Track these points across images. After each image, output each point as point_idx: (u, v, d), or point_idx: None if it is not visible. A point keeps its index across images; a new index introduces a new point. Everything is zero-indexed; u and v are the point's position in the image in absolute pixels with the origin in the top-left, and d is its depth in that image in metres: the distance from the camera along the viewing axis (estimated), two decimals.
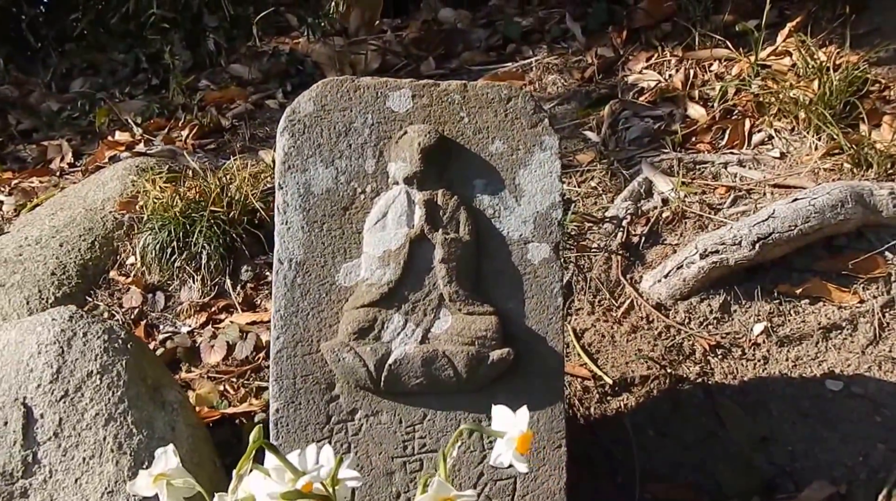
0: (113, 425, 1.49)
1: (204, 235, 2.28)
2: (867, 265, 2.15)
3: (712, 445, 1.84)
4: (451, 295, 1.42)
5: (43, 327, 1.52)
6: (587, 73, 3.05)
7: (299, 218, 1.43)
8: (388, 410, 1.44)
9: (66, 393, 1.49)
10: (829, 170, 2.34)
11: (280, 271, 1.43)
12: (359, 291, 1.43)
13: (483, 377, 1.41)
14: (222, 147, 3.00)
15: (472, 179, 1.46)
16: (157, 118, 3.19)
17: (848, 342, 2.06)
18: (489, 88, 1.49)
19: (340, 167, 1.44)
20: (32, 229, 2.45)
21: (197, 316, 2.24)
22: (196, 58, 3.61)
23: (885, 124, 2.39)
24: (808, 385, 1.97)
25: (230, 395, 1.97)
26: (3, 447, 1.46)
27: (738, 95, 2.66)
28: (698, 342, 2.08)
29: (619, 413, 1.94)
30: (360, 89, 1.46)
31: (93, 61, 3.83)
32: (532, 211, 1.46)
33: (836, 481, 1.73)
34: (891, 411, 1.87)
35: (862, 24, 2.78)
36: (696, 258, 2.15)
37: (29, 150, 3.24)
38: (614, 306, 2.21)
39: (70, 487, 1.46)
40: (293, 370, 1.43)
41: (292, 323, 1.43)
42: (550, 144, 1.48)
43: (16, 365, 1.50)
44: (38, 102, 3.57)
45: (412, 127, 1.44)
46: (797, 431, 1.85)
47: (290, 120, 1.45)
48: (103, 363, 1.51)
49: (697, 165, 2.52)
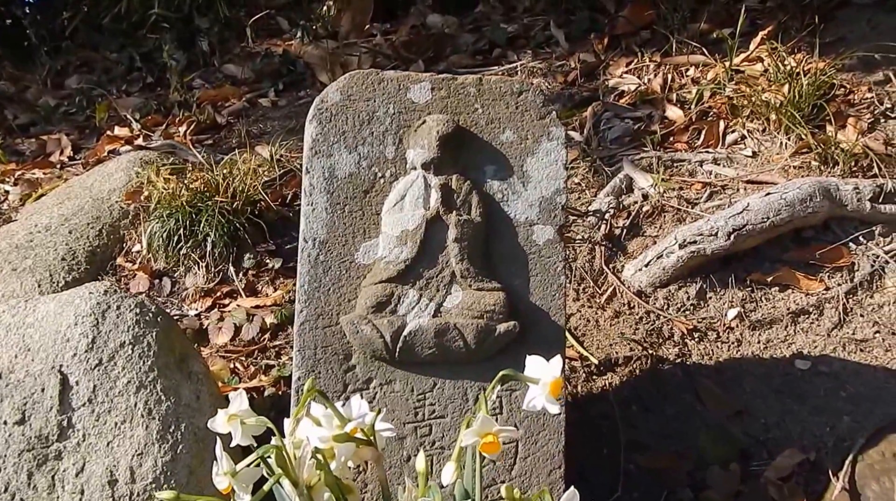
0: (143, 392, 1.59)
1: (209, 224, 2.38)
2: (833, 255, 2.31)
3: (692, 418, 1.98)
4: (462, 272, 1.54)
5: (80, 299, 1.62)
6: (570, 76, 3.19)
7: (323, 200, 1.55)
8: (400, 379, 1.56)
9: (100, 362, 1.59)
10: (798, 167, 2.50)
11: (304, 249, 1.55)
12: (377, 268, 1.55)
13: (490, 348, 1.53)
14: (219, 143, 3.10)
15: (484, 165, 1.59)
16: (154, 115, 3.29)
17: (815, 326, 2.22)
18: (502, 82, 1.62)
19: (363, 153, 1.57)
20: (41, 217, 2.54)
21: (202, 301, 2.34)
22: (190, 57, 3.71)
23: (850, 125, 2.55)
24: (778, 365, 2.12)
25: (240, 372, 2.08)
26: (40, 412, 1.56)
27: (713, 97, 2.81)
28: (677, 326, 2.23)
29: (604, 391, 2.08)
30: (384, 81, 1.59)
31: (87, 59, 3.91)
32: (538, 196, 1.59)
33: (806, 449, 1.87)
34: (854, 387, 2.02)
35: (829, 33, 2.95)
36: (676, 248, 2.29)
37: (28, 143, 3.31)
38: (598, 293, 2.35)
39: (102, 450, 1.56)
40: (314, 341, 1.54)
41: (314, 298, 1.55)
42: (557, 135, 1.61)
43: (53, 335, 1.60)
44: (35, 98, 3.65)
45: (431, 117, 1.57)
46: (769, 405, 2.00)
47: (318, 109, 1.57)
48: (135, 334, 1.61)
49: (675, 162, 2.67)
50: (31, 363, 1.57)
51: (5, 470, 1.54)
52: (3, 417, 1.55)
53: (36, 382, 1.57)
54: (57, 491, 1.54)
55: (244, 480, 0.94)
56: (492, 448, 0.96)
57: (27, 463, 1.54)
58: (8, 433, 1.55)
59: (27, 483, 1.54)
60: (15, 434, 1.55)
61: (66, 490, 1.54)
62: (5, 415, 1.55)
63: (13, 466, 1.54)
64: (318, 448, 1.02)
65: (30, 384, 1.57)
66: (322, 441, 1.03)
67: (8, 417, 1.56)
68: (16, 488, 1.54)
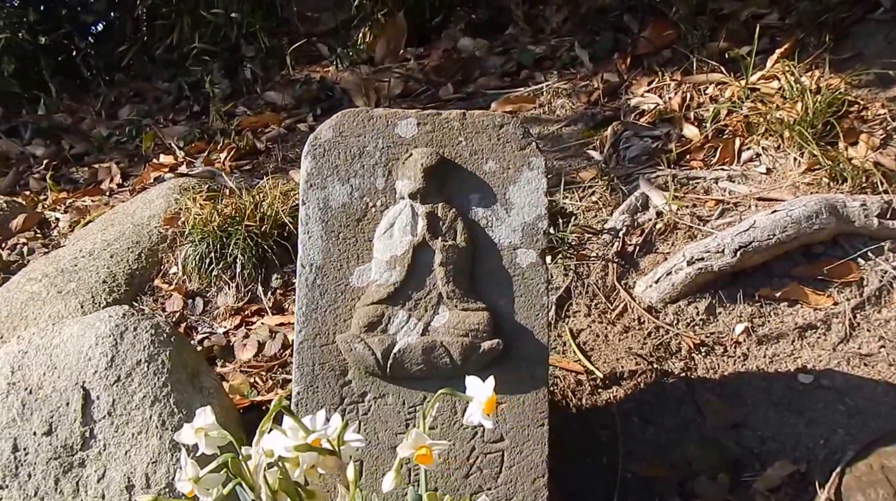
0: (157, 405, 1.73)
1: (239, 246, 2.53)
2: (841, 271, 2.33)
3: (690, 430, 2.04)
4: (448, 294, 1.64)
5: (100, 322, 1.78)
6: (593, 96, 3.27)
7: (319, 228, 1.68)
8: (393, 393, 1.67)
9: (118, 378, 1.74)
10: (808, 184, 2.53)
11: (302, 273, 1.68)
12: (369, 290, 1.66)
13: (475, 365, 1.63)
14: (257, 168, 3.27)
15: (469, 193, 1.69)
16: (197, 142, 3.48)
17: (821, 341, 2.24)
18: (484, 116, 1.73)
19: (355, 185, 1.69)
20: (86, 242, 2.73)
21: (231, 319, 2.50)
22: (234, 86, 3.91)
23: (862, 142, 2.57)
24: (781, 379, 2.15)
25: (259, 386, 2.22)
26: (65, 423, 1.72)
27: (729, 115, 2.86)
28: (684, 341, 2.28)
29: (608, 404, 2.15)
30: (374, 118, 1.71)
31: (139, 90, 4.14)
32: (521, 221, 1.69)
33: (798, 461, 1.91)
34: (854, 400, 2.05)
35: (846, 49, 2.97)
36: (684, 265, 2.35)
37: (81, 172, 3.54)
38: (609, 309, 2.42)
39: (121, 458, 1.71)
40: (312, 358, 1.66)
41: (312, 318, 1.67)
42: (537, 164, 1.71)
43: (76, 354, 1.75)
44: (89, 128, 3.89)
45: (416, 150, 1.68)
46: (767, 418, 2.04)
47: (312, 145, 1.70)
48: (150, 353, 1.76)
49: (691, 180, 2.72)
50: (57, 380, 1.73)
51: (35, 477, 1.70)
52: (33, 428, 1.72)
53: (61, 397, 1.73)
54: (81, 496, 1.70)
55: (209, 485, 1.06)
56: (425, 459, 1.06)
57: (54, 470, 1.70)
58: (37, 443, 1.71)
59: (54, 488, 1.70)
60: (43, 444, 1.71)
61: (90, 495, 1.70)
62: (34, 427, 1.72)
63: (41, 473, 1.70)
64: (282, 456, 1.13)
65: (56, 398, 1.73)
66: (287, 450, 1.15)
67: (37, 428, 1.72)
68: (44, 492, 1.70)
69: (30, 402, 1.72)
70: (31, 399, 1.72)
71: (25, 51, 4.19)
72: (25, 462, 1.71)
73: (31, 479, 1.69)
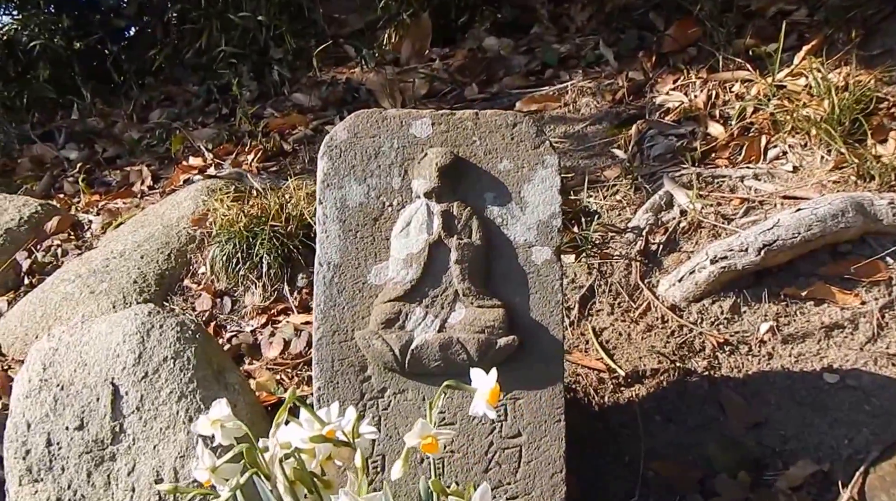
0: (184, 401, 1.77)
1: (265, 247, 2.57)
2: (869, 270, 2.30)
3: (712, 429, 2.03)
4: (464, 291, 1.67)
5: (127, 320, 1.82)
6: (618, 95, 3.27)
7: (336, 228, 1.71)
8: (412, 388, 1.69)
9: (146, 375, 1.78)
10: (835, 182, 2.51)
11: (320, 272, 1.71)
12: (386, 288, 1.69)
13: (492, 361, 1.64)
14: (283, 169, 3.31)
15: (483, 192, 1.71)
16: (226, 144, 3.53)
17: (848, 340, 2.22)
18: (497, 115, 1.74)
19: (371, 184, 1.71)
20: (117, 243, 2.79)
21: (258, 317, 2.54)
22: (262, 88, 3.96)
23: (892, 139, 2.54)
24: (806, 378, 2.14)
25: (285, 382, 2.26)
26: (95, 419, 1.76)
27: (755, 113, 2.84)
28: (708, 340, 2.27)
29: (630, 402, 2.15)
30: (387, 119, 1.74)
31: (169, 93, 4.21)
32: (535, 219, 1.70)
33: (821, 461, 1.90)
34: (880, 400, 2.03)
35: (874, 47, 2.94)
36: (707, 264, 2.34)
37: (113, 174, 3.62)
38: (632, 307, 2.42)
39: (149, 452, 1.75)
40: (331, 355, 1.69)
41: (330, 316, 1.70)
42: (551, 162, 1.72)
43: (105, 352, 1.80)
44: (121, 132, 3.96)
45: (431, 149, 1.70)
46: (791, 417, 2.03)
47: (328, 146, 1.73)
48: (176, 350, 1.80)
49: (716, 178, 2.71)
50: (88, 376, 1.78)
51: (68, 470, 1.75)
52: (65, 423, 1.77)
53: (92, 393, 1.77)
54: (112, 488, 1.74)
55: (226, 475, 1.09)
56: (431, 448, 1.09)
57: (86, 464, 1.75)
58: (70, 438, 1.76)
59: (87, 481, 1.74)
60: (76, 439, 1.76)
61: (120, 488, 1.74)
62: (67, 422, 1.77)
63: (74, 466, 1.75)
64: (298, 448, 1.16)
65: (86, 394, 1.77)
66: (303, 441, 1.17)
67: (69, 423, 1.76)
68: (77, 485, 1.75)
69: (62, 398, 1.77)
70: (62, 395, 1.77)
71: (60, 56, 4.28)
72: (59, 455, 1.76)
73: (64, 472, 1.74)
